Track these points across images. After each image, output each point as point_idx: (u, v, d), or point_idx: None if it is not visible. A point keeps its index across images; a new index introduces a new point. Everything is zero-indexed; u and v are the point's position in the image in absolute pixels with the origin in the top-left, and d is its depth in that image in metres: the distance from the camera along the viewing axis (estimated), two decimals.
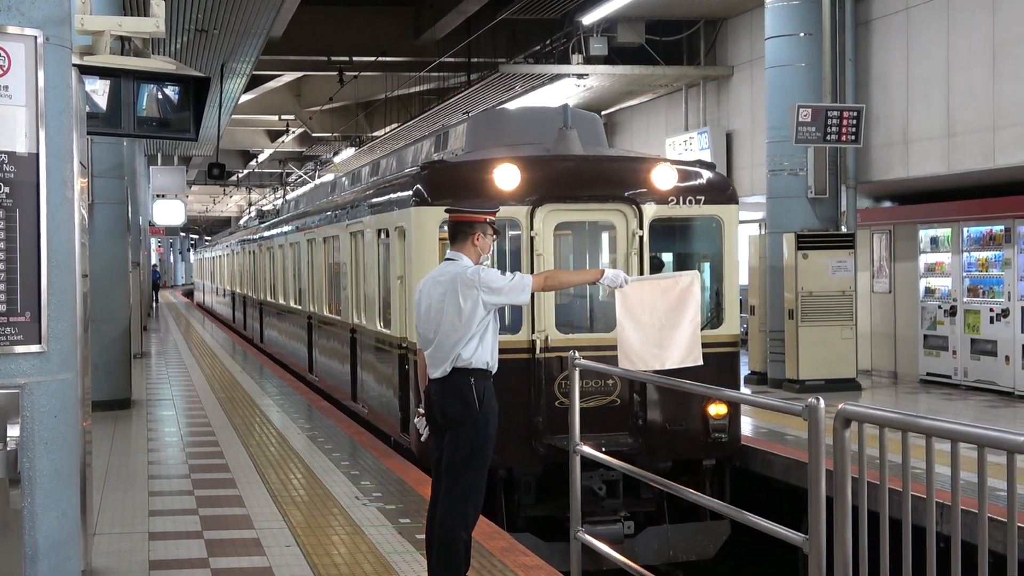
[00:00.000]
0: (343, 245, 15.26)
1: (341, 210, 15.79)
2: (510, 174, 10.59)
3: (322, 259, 17.40)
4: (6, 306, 5.83)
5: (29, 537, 5.93)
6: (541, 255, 10.79)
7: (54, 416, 6.03)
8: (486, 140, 12.13)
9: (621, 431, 10.69)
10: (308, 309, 18.71)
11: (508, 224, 11.43)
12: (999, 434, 3.44)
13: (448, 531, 6.44)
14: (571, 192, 11.04)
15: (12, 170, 5.83)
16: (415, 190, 11.05)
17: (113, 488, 10.20)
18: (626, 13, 21.31)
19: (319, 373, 17.75)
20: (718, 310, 11.48)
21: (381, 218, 12.66)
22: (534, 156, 11.16)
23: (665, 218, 11.31)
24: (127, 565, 7.51)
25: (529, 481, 10.72)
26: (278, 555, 7.75)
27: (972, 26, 16.53)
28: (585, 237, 12.84)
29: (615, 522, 10.41)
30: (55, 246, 5.99)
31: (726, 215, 11.35)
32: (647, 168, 11.19)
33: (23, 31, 5.83)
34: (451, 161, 11.56)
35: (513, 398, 9.69)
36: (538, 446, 10.55)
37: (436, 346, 6.52)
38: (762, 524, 4.99)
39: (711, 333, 10.87)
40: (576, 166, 11.25)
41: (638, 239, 10.98)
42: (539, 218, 10.82)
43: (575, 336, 11.04)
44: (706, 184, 11.37)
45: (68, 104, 6.17)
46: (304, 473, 10.82)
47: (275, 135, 44.38)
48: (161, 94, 7.03)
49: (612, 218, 11.18)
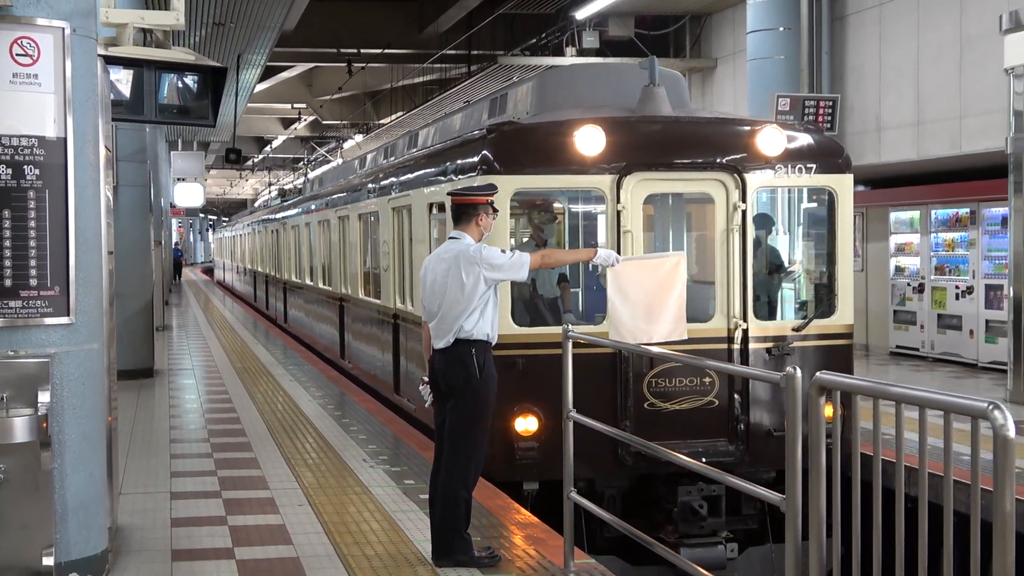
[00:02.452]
0: (384, 222, 12.85)
1: (379, 184, 13.38)
2: (594, 137, 8.48)
3: (357, 238, 14.98)
4: (36, 280, 5.83)
5: (59, 496, 5.94)
6: (629, 232, 8.66)
7: (82, 383, 6.05)
8: (557, 101, 9.88)
9: (720, 437, 8.71)
10: (340, 291, 16.27)
11: (581, 196, 9.72)
12: (964, 401, 3.44)
13: (450, 491, 6.46)
14: (663, 159, 8.85)
15: (41, 153, 5.82)
16: (481, 156, 8.81)
17: (137, 451, 10.21)
18: (617, 8, 21.29)
19: (352, 360, 15.50)
20: (829, 297, 9.26)
21: (435, 191, 10.29)
22: (619, 117, 8.98)
23: (771, 189, 9.41)
24: (151, 522, 7.53)
25: (614, 495, 8.65)
26: (291, 513, 7.76)
27: (941, 21, 16.51)
28: (670, 212, 10.62)
29: (716, 544, 8.52)
30: (82, 225, 5.99)
31: (840, 186, 9.14)
32: (751, 130, 8.98)
33: (51, 23, 5.82)
34: (522, 123, 9.33)
35: (594, 400, 8.04)
36: (624, 455, 8.49)
37: (440, 318, 6.52)
38: (741, 485, 4.98)
39: (821, 324, 9.10)
40: (666, 129, 9.07)
41: (740, 213, 8.81)
42: (627, 188, 8.64)
43: None
44: (817, 149, 9.15)
45: (94, 92, 6.16)
46: (316, 438, 10.82)
47: (288, 122, 44.32)
48: (181, 83, 7.01)
49: (709, 189, 8.95)
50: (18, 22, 5.74)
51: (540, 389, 7.14)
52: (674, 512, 8.39)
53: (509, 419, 8.29)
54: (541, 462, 8.10)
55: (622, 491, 8.67)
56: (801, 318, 9.27)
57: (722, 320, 8.84)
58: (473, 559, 6.44)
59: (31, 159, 5.80)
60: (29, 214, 5.79)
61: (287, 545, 6.95)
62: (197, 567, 6.49)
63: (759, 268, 9.36)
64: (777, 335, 8.93)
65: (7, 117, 5.74)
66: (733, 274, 8.81)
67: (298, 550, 6.84)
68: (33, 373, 5.81)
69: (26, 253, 5.80)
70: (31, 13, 5.79)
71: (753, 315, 8.87)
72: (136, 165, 16.02)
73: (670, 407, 8.60)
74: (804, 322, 9.03)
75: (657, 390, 8.51)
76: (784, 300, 9.78)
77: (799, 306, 9.73)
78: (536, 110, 9.87)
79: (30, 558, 5.74)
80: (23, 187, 5.78)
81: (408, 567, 6.48)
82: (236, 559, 6.64)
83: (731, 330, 8.79)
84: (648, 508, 8.60)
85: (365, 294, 14.36)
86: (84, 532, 6.10)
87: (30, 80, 5.78)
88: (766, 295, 9.45)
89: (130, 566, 6.49)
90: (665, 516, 8.53)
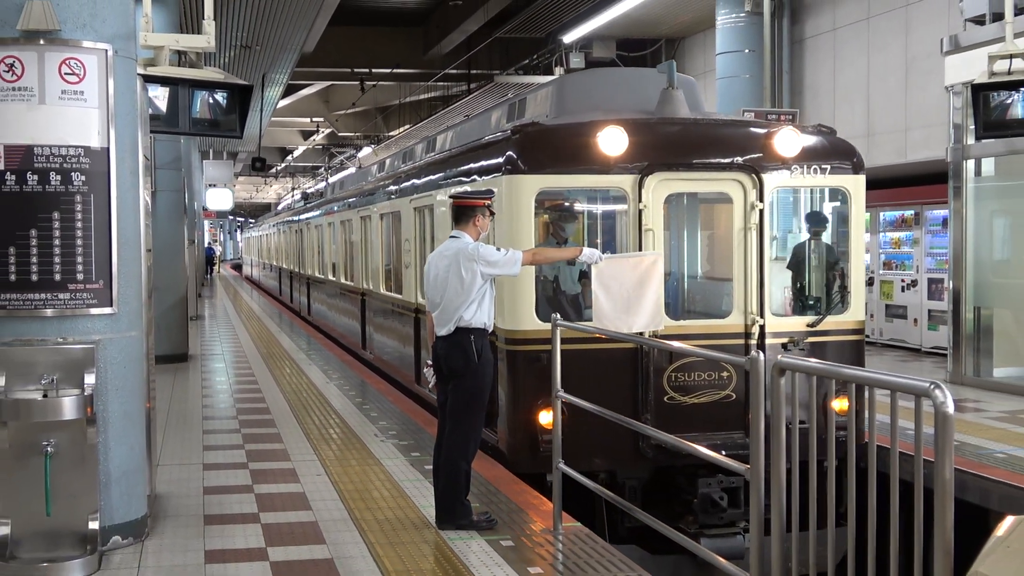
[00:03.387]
0: (406, 221, 12.08)
1: (400, 186, 12.63)
2: (617, 138, 7.90)
3: (378, 236, 14.29)
4: (83, 275, 5.83)
5: (103, 467, 5.95)
6: (651, 230, 8.06)
7: (123, 367, 6.05)
8: (575, 105, 9.17)
9: (737, 430, 8.04)
10: (361, 286, 15.54)
11: (599, 196, 8.97)
12: (908, 381, 3.45)
13: (452, 462, 6.46)
14: (683, 159, 8.20)
15: (87, 162, 5.81)
16: (506, 156, 8.16)
17: (173, 427, 10.20)
18: (600, 33, 21.29)
19: (373, 351, 14.77)
20: (843, 293, 8.63)
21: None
22: (640, 119, 8.40)
23: (787, 189, 8.74)
24: (185, 491, 7.52)
25: (634, 486, 8.10)
26: (310, 482, 7.76)
27: (888, 44, 16.52)
28: (684, 212, 9.88)
29: (735, 534, 7.89)
30: (123, 226, 5.99)
31: (853, 187, 8.55)
32: (768, 132, 8.36)
33: (96, 45, 5.81)
34: (546, 124, 8.64)
35: (616, 393, 7.72)
36: (645, 448, 7.91)
37: (442, 309, 6.52)
38: (708, 454, 4.97)
39: (836, 319, 8.49)
40: (686, 130, 8.46)
41: (757, 212, 8.20)
42: (649, 188, 8.03)
43: (685, 323, 8.54)
44: (831, 150, 8.57)
45: (134, 107, 6.15)
46: (332, 415, 10.81)
47: (307, 134, 44.23)
48: (212, 99, 6.99)
49: (728, 188, 8.32)
50: (66, 44, 5.73)
51: (563, 383, 6.46)
52: (694, 503, 7.88)
53: (533, 412, 7.77)
54: (564, 454, 7.23)
55: (642, 482, 8.11)
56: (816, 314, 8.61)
57: (739, 317, 8.21)
58: (472, 523, 6.44)
59: (78, 167, 5.79)
60: (76, 216, 5.78)
61: (307, 510, 6.95)
62: (227, 530, 6.48)
63: (817, 264, 8.91)
64: (793, 331, 8.34)
65: (57, 129, 5.73)
66: (751, 272, 8.20)
67: (316, 515, 6.84)
68: (80, 358, 5.80)
69: (74, 251, 5.79)
70: (78, 36, 5.78)
71: (770, 311, 8.27)
72: (172, 172, 15.99)
73: (689, 400, 8.08)
74: (819, 318, 8.46)
75: (677, 384, 7.97)
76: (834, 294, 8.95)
77: (813, 302, 9.05)
78: (555, 114, 9.18)
79: (77, 522, 5.74)
80: (71, 192, 5.77)
81: (414, 530, 6.48)
82: (261, 523, 6.64)
83: (748, 326, 8.18)
84: (668, 499, 8.06)
85: (386, 289, 13.75)
86: (126, 499, 6.11)
87: (77, 96, 5.77)
88: (824, 290, 8.97)
89: (167, 529, 6.49)
90: (685, 507, 8.01)
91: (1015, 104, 8.48)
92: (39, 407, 5.63)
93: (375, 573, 5.63)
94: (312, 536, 6.35)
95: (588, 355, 7.78)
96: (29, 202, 5.72)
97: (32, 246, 5.74)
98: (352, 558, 5.90)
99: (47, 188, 5.73)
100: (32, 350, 5.74)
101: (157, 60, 6.78)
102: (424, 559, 5.90)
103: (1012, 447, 9.07)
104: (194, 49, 6.91)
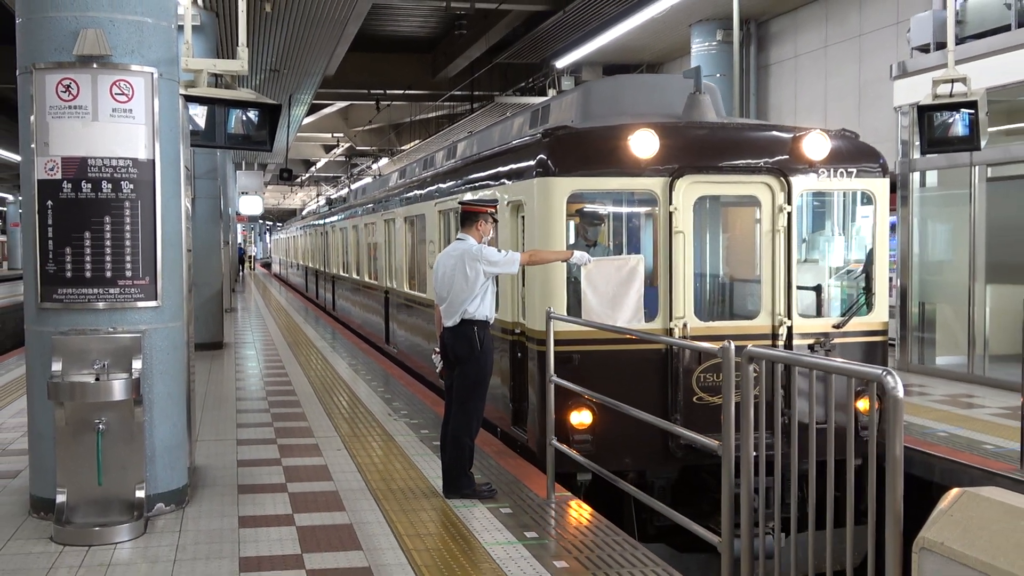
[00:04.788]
0: (430, 223, 11.26)
1: (424, 190, 11.84)
2: (648, 140, 7.17)
3: (402, 238, 13.46)
4: (131, 272, 5.83)
5: (149, 442, 5.94)
6: (681, 232, 7.29)
7: (167, 353, 6.04)
8: (601, 111, 8.39)
9: (764, 431, 7.45)
10: (385, 285, 14.83)
11: (625, 199, 8.13)
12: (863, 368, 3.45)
13: (457, 438, 6.46)
14: (713, 161, 7.44)
15: (135, 172, 5.80)
16: (538, 159, 7.41)
17: (210, 407, 10.19)
18: (589, 59, 21.30)
19: (398, 345, 13.93)
20: (867, 295, 7.86)
21: (488, 193, 8.75)
22: (669, 123, 7.67)
23: (814, 192, 7.89)
24: (221, 463, 7.52)
25: (663, 486, 7.40)
26: (331, 456, 7.76)
27: (843, 70, 16.53)
28: (707, 215, 8.61)
29: (767, 534, 6.59)
30: (167, 229, 5.98)
31: (878, 190, 7.79)
32: (796, 136, 7.58)
33: (143, 69, 5.81)
34: (577, 128, 7.77)
35: (645, 393, 7.07)
36: (675, 447, 7.19)
37: (449, 303, 6.51)
38: (683, 432, 4.95)
39: (860, 320, 7.74)
40: (714, 133, 7.69)
41: (785, 215, 7.46)
42: (679, 190, 7.29)
43: (716, 324, 7.57)
44: (857, 153, 7.80)
45: (176, 123, 6.14)
46: (351, 397, 10.81)
47: (328, 148, 44.21)
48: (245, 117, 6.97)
49: (756, 191, 7.55)
50: (117, 68, 5.72)
51: (594, 383, 6.06)
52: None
53: (564, 412, 7.02)
54: (595, 454, 6.75)
55: (671, 482, 7.40)
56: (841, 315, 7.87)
57: (767, 318, 7.49)
58: (475, 491, 6.44)
59: (127, 176, 5.78)
60: (125, 220, 5.78)
61: (328, 481, 6.94)
62: (258, 498, 6.48)
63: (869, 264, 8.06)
64: (819, 332, 7.59)
65: (109, 143, 5.72)
66: (778, 273, 7.48)
67: (337, 485, 6.83)
68: (128, 345, 5.80)
69: (123, 251, 5.79)
70: (127, 61, 5.77)
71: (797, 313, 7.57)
72: (209, 181, 15.97)
73: (717, 401, 7.16)
74: (844, 319, 7.72)
75: (705, 385, 7.27)
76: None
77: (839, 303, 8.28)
78: (580, 120, 8.29)
79: (126, 491, 5.73)
80: (120, 199, 5.76)
81: (424, 498, 6.48)
82: (288, 492, 6.64)
83: (775, 327, 7.47)
84: (696, 498, 7.37)
85: (409, 287, 13.03)
86: (168, 470, 6.10)
87: (126, 114, 5.76)
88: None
89: (205, 497, 6.48)
90: (713, 506, 6.94)
91: (956, 123, 8.49)
92: (92, 389, 5.62)
93: (389, 536, 5.63)
94: (334, 504, 6.35)
95: (620, 356, 7.15)
96: (83, 207, 5.71)
97: (86, 247, 5.73)
98: (369, 523, 5.90)
99: (99, 195, 5.72)
100: (86, 339, 5.73)
101: (197, 82, 6.77)
102: (432, 524, 5.90)
103: (953, 427, 9.08)
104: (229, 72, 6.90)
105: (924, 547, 2.96)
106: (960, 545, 2.84)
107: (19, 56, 5.82)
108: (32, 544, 5.51)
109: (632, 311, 6.99)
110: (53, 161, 5.69)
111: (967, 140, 8.46)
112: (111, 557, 5.30)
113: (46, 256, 5.74)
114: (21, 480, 6.86)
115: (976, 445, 8.30)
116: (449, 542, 5.54)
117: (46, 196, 5.71)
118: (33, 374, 5.95)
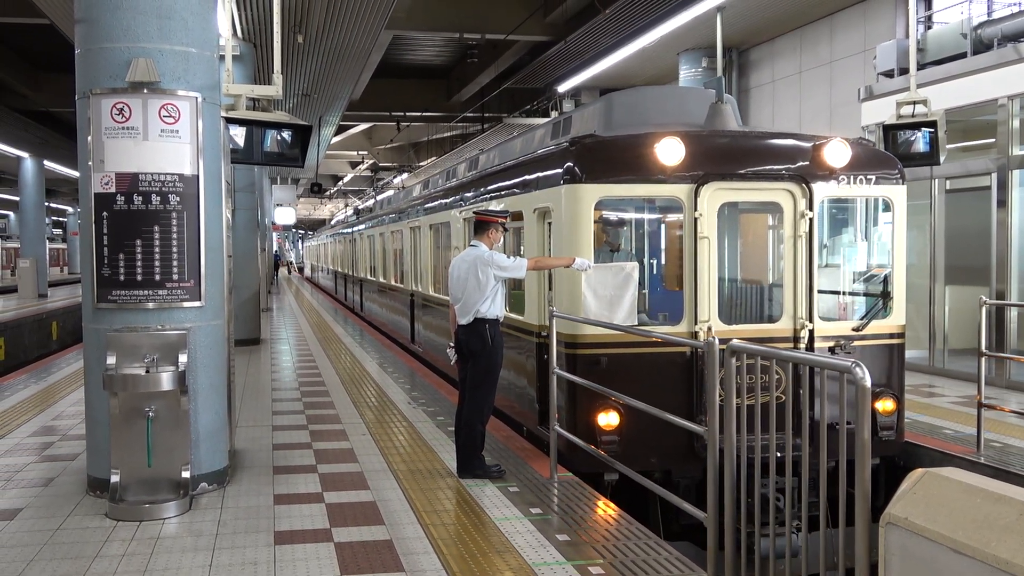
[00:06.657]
0: (455, 230, 10.72)
1: (450, 199, 11.30)
2: (674, 148, 6.76)
3: (427, 244, 12.95)
4: (178, 275, 5.83)
5: (193, 428, 5.95)
6: (706, 238, 6.84)
7: (209, 349, 6.05)
8: (624, 121, 7.91)
9: (784, 431, 6.32)
10: (411, 288, 14.31)
11: (647, 206, 7.71)
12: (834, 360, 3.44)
13: (470, 424, 6.45)
14: (736, 169, 6.95)
15: (181, 186, 5.81)
16: (566, 167, 6.95)
17: (248, 396, 10.20)
18: (587, 84, 21.24)
19: (423, 344, 13.37)
20: (885, 299, 7.38)
21: (514, 200, 8.21)
22: (693, 131, 7.21)
23: (834, 198, 7.41)
24: (258, 447, 7.52)
25: (688, 485, 6.86)
26: (356, 440, 7.75)
27: (816, 93, 16.50)
28: (726, 221, 7.98)
29: (791, 532, 6.32)
30: (210, 236, 5.98)
31: (896, 196, 7.29)
32: (816, 144, 7.17)
33: (188, 93, 5.82)
34: (603, 136, 7.26)
35: (671, 395, 6.64)
36: (699, 447, 6.66)
37: (463, 303, 6.51)
38: (669, 417, 4.92)
39: (878, 324, 7.24)
40: (737, 142, 7.21)
41: (807, 221, 6.97)
42: (704, 197, 6.84)
43: (740, 327, 7.06)
44: (876, 161, 7.33)
45: (218, 142, 6.15)
46: (375, 388, 10.81)
47: (354, 164, 44.30)
48: (279, 136, 6.99)
49: (778, 198, 7.07)
50: (164, 93, 5.73)
51: (621, 385, 5.75)
52: (749, 502, 6.68)
53: (592, 413, 6.67)
54: (622, 454, 6.41)
55: (696, 481, 6.82)
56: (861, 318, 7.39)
57: (789, 321, 7.03)
58: (486, 472, 6.43)
59: (174, 190, 5.79)
60: (172, 229, 5.78)
61: (354, 463, 6.94)
62: (291, 479, 6.48)
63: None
64: (839, 335, 7.12)
65: (158, 160, 5.73)
66: (800, 278, 7.02)
67: (361, 466, 6.83)
68: (175, 341, 5.80)
69: (171, 256, 5.79)
70: (174, 86, 5.78)
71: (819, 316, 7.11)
72: (247, 195, 16.00)
73: (748, 402, 6.58)
74: (864, 322, 7.23)
75: (731, 386, 6.76)
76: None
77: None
78: (604, 129, 7.74)
79: (173, 472, 5.74)
80: (168, 210, 5.77)
81: (440, 478, 6.47)
82: (318, 473, 6.63)
83: (797, 330, 7.00)
84: None
85: (434, 291, 12.50)
86: (211, 454, 6.11)
87: (173, 134, 5.77)
88: None
89: (244, 478, 6.48)
90: None
91: (917, 141, 8.48)
92: (143, 380, 5.63)
93: (408, 512, 5.63)
94: (359, 483, 6.34)
95: (647, 358, 6.77)
96: (135, 218, 5.72)
97: (137, 253, 5.75)
98: (390, 500, 5.89)
99: (149, 207, 5.73)
100: (137, 335, 5.74)
101: (236, 105, 6.79)
102: (448, 501, 5.89)
103: (915, 413, 9.05)
104: (265, 97, 6.92)
105: (890, 522, 2.94)
106: (923, 520, 2.83)
107: (78, 83, 5.84)
108: (89, 519, 5.53)
109: (627, 312, 6.97)
110: (108, 176, 5.70)
111: (928, 156, 8.45)
112: (160, 531, 5.31)
113: (102, 261, 5.75)
114: (79, 462, 6.88)
115: (937, 430, 8.27)
116: (462, 517, 5.54)
117: (102, 208, 5.72)
118: (90, 367, 5.96)
